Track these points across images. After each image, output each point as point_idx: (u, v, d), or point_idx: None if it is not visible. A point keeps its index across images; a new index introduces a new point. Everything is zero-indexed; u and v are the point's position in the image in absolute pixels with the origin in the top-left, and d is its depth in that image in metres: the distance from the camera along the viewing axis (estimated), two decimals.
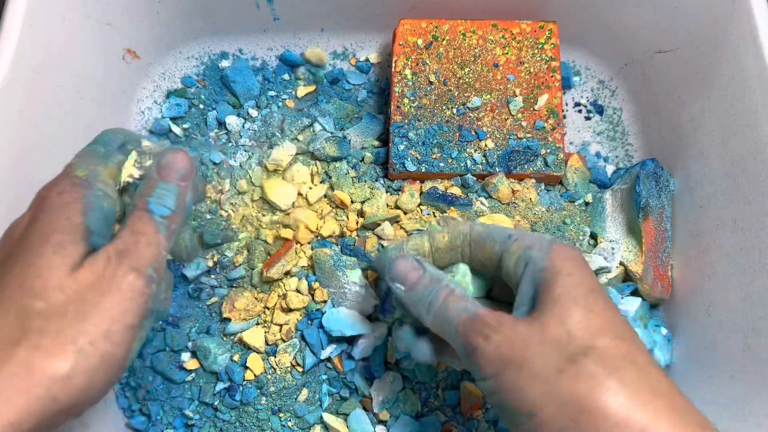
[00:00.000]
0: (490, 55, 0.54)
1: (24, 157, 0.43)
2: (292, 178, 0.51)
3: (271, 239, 0.49)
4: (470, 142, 0.52)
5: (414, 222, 0.50)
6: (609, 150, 0.59)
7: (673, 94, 0.55)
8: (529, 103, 0.53)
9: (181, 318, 0.49)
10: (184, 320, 0.49)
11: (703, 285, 0.50)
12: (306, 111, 0.57)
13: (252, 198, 0.51)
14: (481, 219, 0.50)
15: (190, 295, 0.49)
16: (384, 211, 0.50)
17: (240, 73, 0.58)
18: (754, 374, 0.44)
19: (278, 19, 0.58)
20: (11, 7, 0.43)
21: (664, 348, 0.50)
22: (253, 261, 0.49)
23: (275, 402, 0.46)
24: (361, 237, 0.49)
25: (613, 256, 0.51)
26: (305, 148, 0.54)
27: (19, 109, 0.42)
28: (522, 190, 0.51)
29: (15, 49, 0.42)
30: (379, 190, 0.52)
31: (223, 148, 0.53)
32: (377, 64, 0.60)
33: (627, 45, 0.58)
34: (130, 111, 0.57)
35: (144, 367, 0.48)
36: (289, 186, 0.51)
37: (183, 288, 0.49)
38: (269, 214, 0.50)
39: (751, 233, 0.45)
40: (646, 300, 0.52)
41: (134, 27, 0.55)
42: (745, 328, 0.45)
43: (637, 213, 0.51)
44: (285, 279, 0.48)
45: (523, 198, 0.51)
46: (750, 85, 0.45)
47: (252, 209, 0.51)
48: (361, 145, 0.55)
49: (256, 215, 0.50)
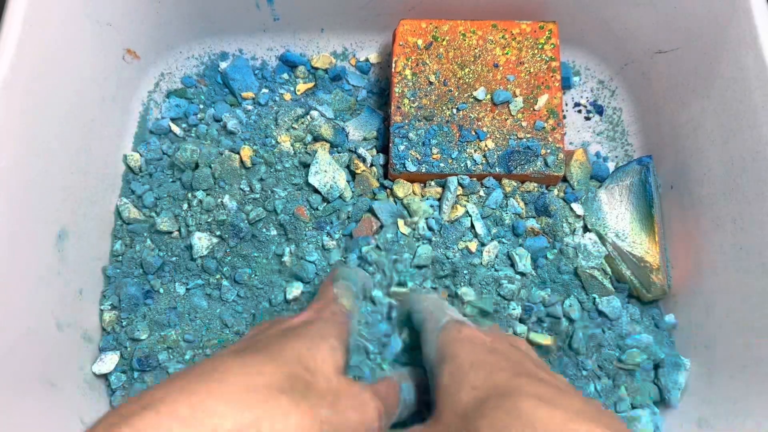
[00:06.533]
0: (490, 56, 0.54)
1: (24, 157, 0.43)
2: None
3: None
4: (470, 142, 0.52)
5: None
6: (609, 150, 0.59)
7: (673, 94, 0.55)
8: (529, 103, 0.53)
9: None
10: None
11: (703, 285, 0.50)
12: (301, 101, 0.57)
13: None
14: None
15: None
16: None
17: (239, 71, 0.58)
18: (754, 374, 0.44)
19: (278, 19, 0.58)
20: (11, 7, 0.43)
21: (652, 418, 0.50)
22: None
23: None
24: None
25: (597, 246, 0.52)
26: (302, 136, 0.54)
27: (19, 109, 0.42)
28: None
29: (15, 49, 0.42)
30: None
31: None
32: (377, 64, 0.61)
33: (627, 45, 0.58)
34: (130, 111, 0.57)
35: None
36: None
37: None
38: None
39: (751, 233, 0.45)
40: (642, 300, 0.52)
41: (134, 27, 0.55)
42: (745, 328, 0.45)
43: (650, 205, 0.51)
44: None
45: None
46: (750, 85, 0.45)
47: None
48: (361, 137, 0.56)
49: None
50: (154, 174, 0.55)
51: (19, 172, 0.42)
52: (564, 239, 0.52)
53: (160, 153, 0.56)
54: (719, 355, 0.47)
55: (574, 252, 0.51)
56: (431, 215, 0.51)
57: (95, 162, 0.52)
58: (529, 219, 0.52)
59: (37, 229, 0.44)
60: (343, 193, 0.52)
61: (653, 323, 0.52)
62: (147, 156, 0.55)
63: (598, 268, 0.51)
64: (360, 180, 0.53)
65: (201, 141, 0.56)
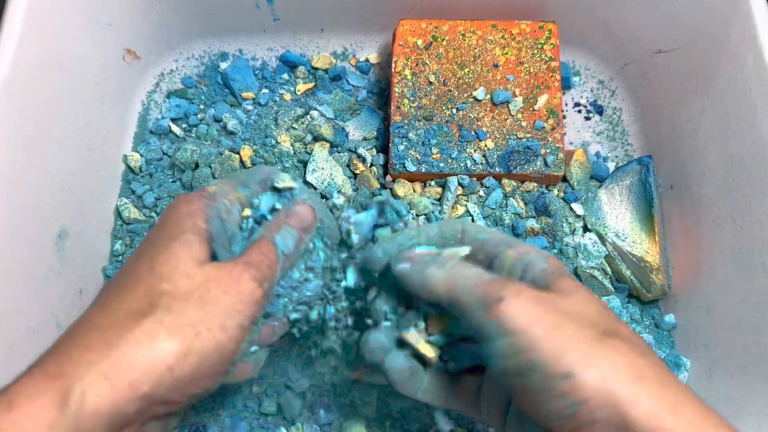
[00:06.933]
0: (490, 56, 0.54)
1: (24, 157, 0.43)
2: None
3: None
4: (470, 142, 0.52)
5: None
6: (609, 150, 0.59)
7: (673, 94, 0.55)
8: (528, 103, 0.53)
9: None
10: None
11: (703, 285, 0.50)
12: (301, 101, 0.57)
13: None
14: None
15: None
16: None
17: (239, 71, 0.58)
18: (754, 374, 0.44)
19: (278, 19, 0.58)
20: (11, 7, 0.43)
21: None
22: None
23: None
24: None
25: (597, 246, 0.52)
26: (302, 136, 0.54)
27: (19, 108, 0.42)
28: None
29: (15, 49, 0.42)
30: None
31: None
32: (377, 64, 0.61)
33: (627, 45, 0.58)
34: (130, 111, 0.57)
35: None
36: None
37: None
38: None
39: (751, 233, 0.45)
40: (642, 300, 0.52)
41: (134, 27, 0.55)
42: (745, 328, 0.45)
43: (650, 205, 0.51)
44: None
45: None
46: (750, 85, 0.45)
47: None
48: (361, 137, 0.56)
49: None
50: (155, 174, 0.55)
51: (19, 172, 0.42)
52: (564, 239, 0.52)
53: (160, 153, 0.56)
54: (719, 355, 0.47)
55: (574, 252, 0.51)
56: (431, 211, 0.51)
57: (95, 162, 0.52)
58: (529, 219, 0.52)
59: (37, 229, 0.44)
60: (341, 189, 0.52)
61: (653, 323, 0.52)
62: (147, 156, 0.56)
63: (598, 268, 0.51)
64: (360, 180, 0.53)
65: (201, 141, 0.56)
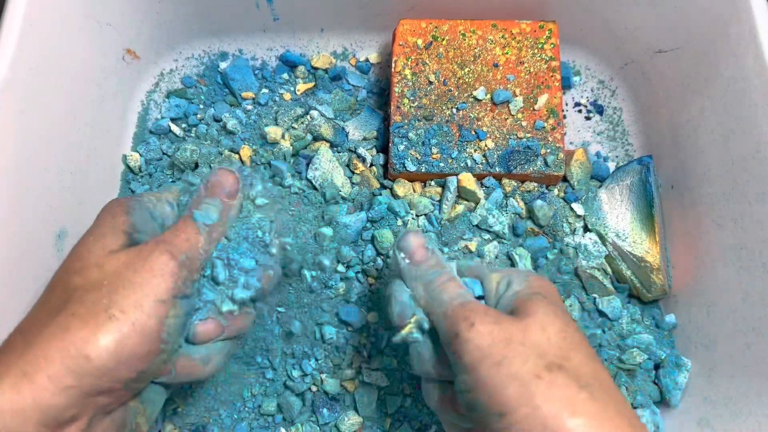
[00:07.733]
0: (490, 55, 0.54)
1: (24, 157, 0.43)
2: None
3: None
4: (470, 142, 0.52)
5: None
6: (609, 150, 0.59)
7: (673, 94, 0.55)
8: (529, 103, 0.53)
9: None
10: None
11: (703, 285, 0.50)
12: (301, 101, 0.57)
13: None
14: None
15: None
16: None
17: (239, 71, 0.58)
18: (754, 374, 0.44)
19: (278, 19, 0.58)
20: (11, 7, 0.43)
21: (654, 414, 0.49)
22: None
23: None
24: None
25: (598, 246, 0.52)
26: (302, 136, 0.54)
27: (19, 109, 0.42)
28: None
29: (15, 49, 0.42)
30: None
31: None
32: (377, 64, 0.61)
33: (627, 45, 0.58)
34: (130, 111, 0.57)
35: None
36: None
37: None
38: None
39: (752, 233, 0.45)
40: (643, 300, 0.52)
41: (134, 27, 0.55)
42: (745, 328, 0.45)
43: (650, 205, 0.51)
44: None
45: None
46: (750, 84, 0.45)
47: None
48: (361, 137, 0.56)
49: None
50: (154, 174, 0.55)
51: (19, 172, 0.42)
52: (564, 239, 0.52)
53: (160, 153, 0.56)
54: (719, 355, 0.47)
55: (575, 252, 0.51)
56: (431, 211, 0.51)
57: (95, 162, 0.52)
58: (529, 219, 0.52)
59: (37, 229, 0.44)
60: (341, 189, 0.52)
61: (653, 323, 0.52)
62: (147, 156, 0.56)
63: (599, 268, 0.51)
64: (360, 180, 0.53)
65: (201, 141, 0.56)
